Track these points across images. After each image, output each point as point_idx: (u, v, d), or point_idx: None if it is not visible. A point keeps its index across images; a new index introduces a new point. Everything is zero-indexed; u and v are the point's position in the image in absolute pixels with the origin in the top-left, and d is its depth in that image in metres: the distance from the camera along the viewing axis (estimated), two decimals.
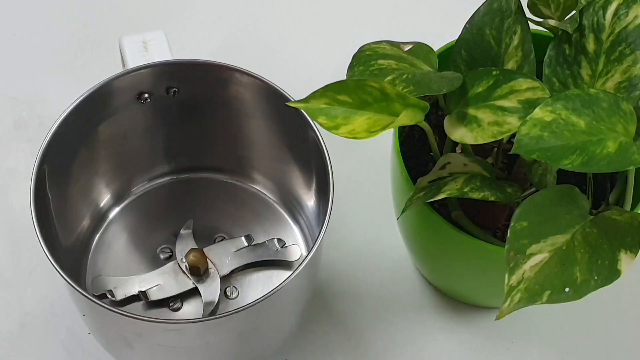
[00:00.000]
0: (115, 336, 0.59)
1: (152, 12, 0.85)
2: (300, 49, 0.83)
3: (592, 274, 0.48)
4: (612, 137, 0.49)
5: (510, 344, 0.70)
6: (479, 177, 0.55)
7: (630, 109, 0.51)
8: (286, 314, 0.61)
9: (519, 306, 0.48)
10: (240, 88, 0.63)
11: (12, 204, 0.73)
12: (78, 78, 0.80)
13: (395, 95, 0.51)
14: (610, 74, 0.54)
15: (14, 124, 0.78)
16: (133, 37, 0.64)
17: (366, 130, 0.50)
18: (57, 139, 0.59)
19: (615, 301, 0.70)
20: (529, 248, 0.49)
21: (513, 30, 0.56)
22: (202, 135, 0.68)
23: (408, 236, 0.68)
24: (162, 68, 0.62)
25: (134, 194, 0.70)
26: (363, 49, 0.58)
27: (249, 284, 0.67)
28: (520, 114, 0.52)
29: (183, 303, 0.66)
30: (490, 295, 0.67)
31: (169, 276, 0.66)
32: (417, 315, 0.70)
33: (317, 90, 0.50)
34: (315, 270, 0.63)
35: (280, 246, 0.68)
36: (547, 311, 0.68)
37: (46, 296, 0.68)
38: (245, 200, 0.71)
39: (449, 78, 0.54)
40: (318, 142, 0.59)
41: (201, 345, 0.58)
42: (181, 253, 0.67)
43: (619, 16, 0.54)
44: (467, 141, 0.53)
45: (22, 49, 0.82)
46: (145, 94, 0.63)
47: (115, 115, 0.63)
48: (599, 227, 0.50)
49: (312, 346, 0.68)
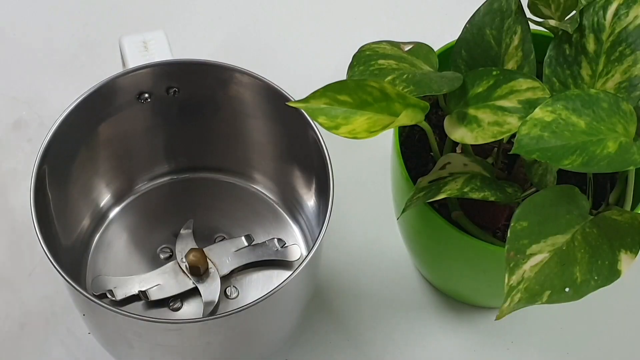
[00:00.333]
0: (116, 336, 0.59)
1: (152, 12, 0.85)
2: (301, 49, 0.83)
3: (592, 274, 0.48)
4: (612, 137, 0.49)
5: (510, 344, 0.70)
6: (479, 177, 0.55)
7: (631, 109, 0.51)
8: (286, 314, 0.61)
9: (519, 306, 0.48)
10: (241, 88, 0.63)
11: (12, 204, 0.73)
12: (78, 78, 0.80)
13: (395, 95, 0.51)
14: (610, 74, 0.54)
15: (14, 123, 0.78)
16: (133, 37, 0.64)
17: (366, 130, 0.50)
18: (57, 139, 0.59)
19: (615, 301, 0.70)
20: (529, 248, 0.49)
21: (513, 30, 0.56)
22: (202, 135, 0.68)
23: (408, 236, 0.68)
24: (162, 68, 0.62)
25: (134, 193, 0.70)
26: (363, 48, 0.58)
27: (249, 284, 0.67)
28: (520, 114, 0.52)
29: (183, 303, 0.66)
30: (490, 295, 0.67)
31: (169, 276, 0.66)
32: (417, 315, 0.70)
33: (317, 90, 0.50)
34: (315, 270, 0.63)
35: (280, 246, 0.68)
36: (547, 311, 0.68)
37: (46, 296, 0.68)
38: (245, 200, 0.71)
39: (449, 78, 0.54)
40: (318, 142, 0.59)
41: (201, 345, 0.58)
42: (181, 253, 0.67)
43: (619, 16, 0.54)
44: (467, 141, 0.53)
45: (22, 49, 0.82)
46: (146, 93, 0.63)
47: (116, 115, 0.63)
48: (599, 227, 0.50)
49: (312, 346, 0.68)
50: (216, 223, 0.70)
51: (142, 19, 0.84)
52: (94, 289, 0.65)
